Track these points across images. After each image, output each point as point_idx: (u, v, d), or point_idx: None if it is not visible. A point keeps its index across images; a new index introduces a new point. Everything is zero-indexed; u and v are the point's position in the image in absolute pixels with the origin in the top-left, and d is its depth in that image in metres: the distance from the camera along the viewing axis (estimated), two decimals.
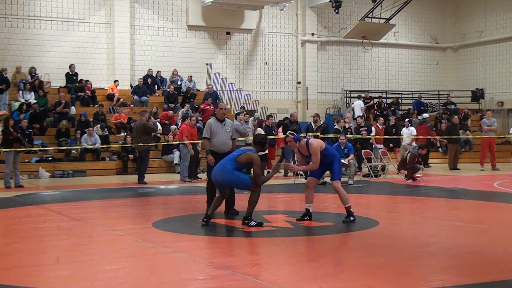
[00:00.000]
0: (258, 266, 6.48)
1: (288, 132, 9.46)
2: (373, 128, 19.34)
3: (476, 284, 5.61)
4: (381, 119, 20.49)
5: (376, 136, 18.94)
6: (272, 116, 20.17)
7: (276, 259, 6.90)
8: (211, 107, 21.98)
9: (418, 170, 16.66)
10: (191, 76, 24.85)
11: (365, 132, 18.82)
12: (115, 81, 23.58)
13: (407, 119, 21.98)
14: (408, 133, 19.97)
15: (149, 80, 24.21)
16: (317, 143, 9.13)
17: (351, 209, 9.13)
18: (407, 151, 17.18)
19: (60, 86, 22.90)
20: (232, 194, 10.12)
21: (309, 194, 9.29)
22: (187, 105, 22.26)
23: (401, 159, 17.18)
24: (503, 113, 28.63)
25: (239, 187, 9.11)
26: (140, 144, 16.65)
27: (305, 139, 9.32)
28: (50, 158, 19.28)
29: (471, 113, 27.02)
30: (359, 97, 25.99)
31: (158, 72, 24.69)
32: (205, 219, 8.97)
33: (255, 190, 8.85)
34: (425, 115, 22.80)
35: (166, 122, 21.70)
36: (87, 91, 22.79)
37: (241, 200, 9.88)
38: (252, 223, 8.71)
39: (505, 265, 6.51)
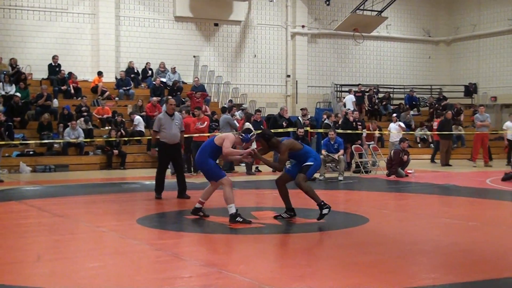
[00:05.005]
0: (245, 263, 6.35)
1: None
2: (364, 131, 19.02)
3: (467, 283, 5.55)
4: (375, 124, 20.62)
5: (368, 132, 18.75)
6: (260, 111, 19.79)
7: (263, 256, 6.82)
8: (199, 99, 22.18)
9: (406, 165, 16.37)
10: (175, 68, 24.45)
11: (361, 127, 18.54)
12: (99, 72, 23.07)
13: (394, 114, 21.57)
14: (397, 128, 19.68)
15: (132, 75, 23.80)
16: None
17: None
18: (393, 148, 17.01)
19: (42, 78, 22.48)
20: (184, 179, 11.53)
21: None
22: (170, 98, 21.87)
23: (388, 157, 16.81)
24: (496, 109, 28.42)
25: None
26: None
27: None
28: (31, 153, 19.00)
29: (464, 108, 26.71)
30: (349, 91, 25.67)
31: (147, 63, 24.32)
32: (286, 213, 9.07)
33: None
34: None
35: (152, 114, 21.20)
36: (71, 84, 22.31)
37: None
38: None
39: (497, 264, 6.41)
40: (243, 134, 8.85)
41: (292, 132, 17.79)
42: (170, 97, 18.67)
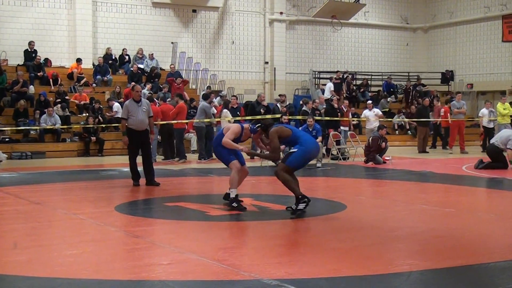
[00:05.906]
0: (224, 251, 6.31)
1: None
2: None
3: (444, 269, 5.54)
4: (346, 101, 20.45)
5: (344, 119, 18.76)
6: (236, 97, 19.67)
7: (242, 243, 6.86)
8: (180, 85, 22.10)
9: (384, 152, 16.45)
10: (153, 54, 24.23)
11: (339, 114, 18.58)
12: (78, 59, 22.78)
13: (369, 101, 21.57)
14: (373, 115, 19.69)
15: (110, 62, 23.53)
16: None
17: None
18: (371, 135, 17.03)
19: (18, 65, 22.12)
20: (151, 166, 11.55)
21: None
22: (148, 84, 21.71)
23: (366, 144, 16.86)
24: (472, 96, 28.58)
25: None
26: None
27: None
28: (7, 139, 18.79)
29: (441, 95, 26.87)
30: (330, 79, 25.67)
31: (124, 49, 24.06)
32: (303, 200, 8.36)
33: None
34: None
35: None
36: (50, 78, 21.97)
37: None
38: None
39: (473, 250, 6.42)
40: (251, 125, 8.86)
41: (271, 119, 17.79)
42: (147, 84, 18.57)
